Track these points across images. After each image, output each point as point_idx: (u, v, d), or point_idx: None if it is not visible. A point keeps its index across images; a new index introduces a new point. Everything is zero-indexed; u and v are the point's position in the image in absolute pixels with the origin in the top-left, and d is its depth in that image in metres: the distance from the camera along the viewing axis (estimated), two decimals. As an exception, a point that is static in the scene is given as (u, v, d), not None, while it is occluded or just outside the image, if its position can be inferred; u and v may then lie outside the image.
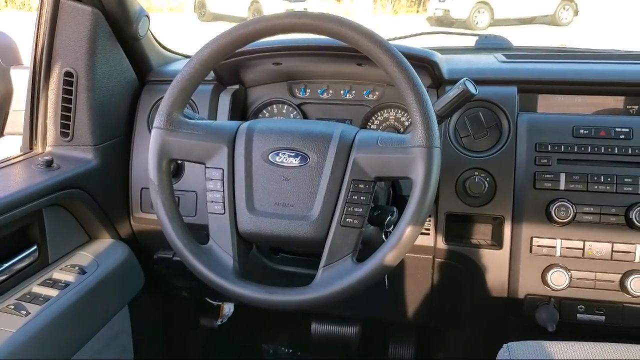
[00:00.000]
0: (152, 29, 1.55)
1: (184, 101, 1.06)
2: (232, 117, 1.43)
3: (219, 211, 1.06)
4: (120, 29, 1.39)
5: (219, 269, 1.04)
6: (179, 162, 1.42)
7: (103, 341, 1.35)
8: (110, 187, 1.45)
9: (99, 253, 1.40)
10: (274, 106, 1.51)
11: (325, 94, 1.48)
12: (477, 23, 12.88)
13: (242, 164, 1.05)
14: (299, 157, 1.03)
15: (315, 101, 1.48)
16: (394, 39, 1.79)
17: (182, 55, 1.72)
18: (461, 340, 1.59)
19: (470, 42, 1.78)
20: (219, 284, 1.03)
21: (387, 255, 0.97)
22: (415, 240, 0.97)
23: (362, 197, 1.00)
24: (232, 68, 1.43)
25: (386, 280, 1.21)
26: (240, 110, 1.50)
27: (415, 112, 0.97)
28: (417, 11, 16.52)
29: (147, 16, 1.45)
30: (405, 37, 1.83)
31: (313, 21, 1.00)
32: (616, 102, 1.35)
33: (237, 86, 1.47)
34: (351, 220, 1.00)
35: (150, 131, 1.39)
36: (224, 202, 1.05)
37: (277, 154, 1.04)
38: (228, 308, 1.77)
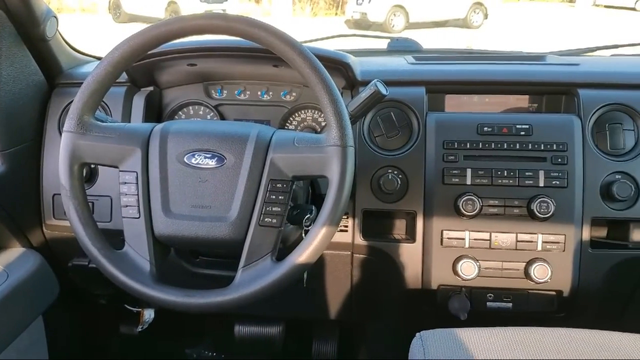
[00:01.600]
0: (63, 31, 1.50)
1: (95, 104, 1.04)
2: (146, 119, 1.41)
3: (133, 215, 1.04)
4: (26, 30, 1.34)
5: (136, 274, 1.02)
6: (92, 166, 1.39)
7: (16, 354, 1.30)
8: (20, 194, 1.39)
9: (8, 263, 1.34)
10: (190, 108, 1.50)
11: (242, 95, 1.49)
12: (393, 26, 13.22)
13: (156, 167, 1.04)
14: (216, 158, 1.03)
15: (233, 102, 1.49)
16: (310, 40, 1.82)
17: (93, 57, 1.67)
18: (380, 333, 1.64)
19: (384, 44, 1.84)
20: (136, 289, 1.02)
21: (305, 253, 0.99)
22: (332, 237, 1.00)
23: (280, 197, 1.02)
24: (145, 69, 1.41)
25: (304, 278, 1.24)
26: (156, 113, 1.48)
27: (330, 113, 0.99)
28: (336, 14, 16.75)
29: (55, 17, 1.40)
30: (321, 39, 1.87)
31: (226, 23, 1.01)
32: (518, 100, 1.43)
33: (151, 88, 1.45)
34: (270, 219, 1.02)
35: (61, 135, 1.36)
36: (138, 206, 1.04)
37: (193, 156, 1.04)
38: (148, 314, 1.74)
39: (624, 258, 1.30)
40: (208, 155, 1.04)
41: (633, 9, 17.67)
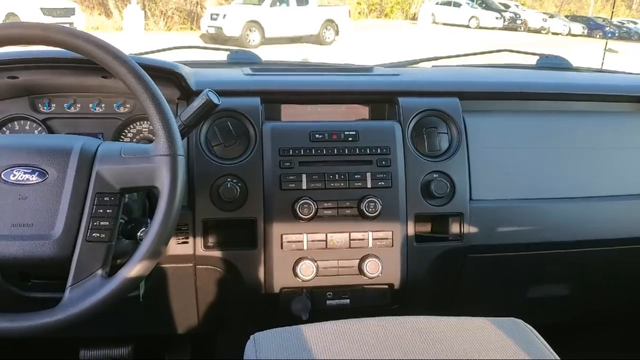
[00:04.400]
0: None
1: None
2: None
3: None
4: None
5: None
6: None
7: None
8: None
9: None
10: (15, 123, 1.40)
11: (72, 107, 1.42)
12: (249, 41, 13.37)
13: None
14: (37, 173, 0.99)
15: (62, 116, 1.42)
16: (150, 52, 1.81)
17: None
18: (230, 341, 1.64)
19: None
20: None
21: (137, 266, 0.98)
22: (165, 248, 1.00)
23: (108, 210, 1.00)
24: (-41, 83, 1.31)
25: (141, 292, 1.22)
26: None
27: (156, 122, 0.99)
28: (191, 28, 16.59)
29: None
30: (160, 51, 1.85)
31: (43, 32, 0.97)
32: (348, 109, 1.51)
33: None
34: (98, 234, 0.99)
35: None
36: None
37: (12, 172, 0.99)
38: (-22, 347, 1.60)
39: (445, 250, 1.42)
40: (28, 171, 0.99)
41: (467, 26, 20.27)
